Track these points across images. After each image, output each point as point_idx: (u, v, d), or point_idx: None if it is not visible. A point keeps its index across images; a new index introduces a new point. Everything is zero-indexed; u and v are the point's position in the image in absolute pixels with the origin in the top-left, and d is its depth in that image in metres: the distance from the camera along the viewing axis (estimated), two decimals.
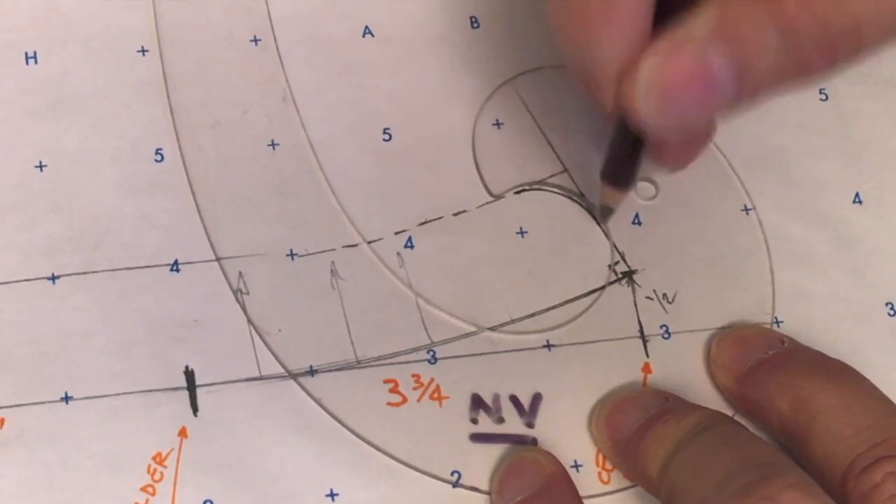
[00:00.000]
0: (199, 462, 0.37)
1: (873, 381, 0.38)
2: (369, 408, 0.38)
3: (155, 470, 0.37)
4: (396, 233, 0.40)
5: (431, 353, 0.39)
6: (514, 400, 0.39)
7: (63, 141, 0.40)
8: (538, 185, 0.41)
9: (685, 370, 0.40)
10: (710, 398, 0.40)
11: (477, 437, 0.38)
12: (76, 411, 0.37)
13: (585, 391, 0.39)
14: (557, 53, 0.40)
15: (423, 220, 0.40)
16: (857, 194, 0.43)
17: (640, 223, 0.41)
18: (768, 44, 0.31)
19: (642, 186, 0.42)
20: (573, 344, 0.40)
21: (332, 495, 0.37)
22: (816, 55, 0.31)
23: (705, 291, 0.41)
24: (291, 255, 0.39)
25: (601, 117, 0.38)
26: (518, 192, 0.41)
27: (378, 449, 0.38)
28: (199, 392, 0.38)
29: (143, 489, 0.37)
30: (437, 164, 0.41)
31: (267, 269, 0.39)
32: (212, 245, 0.39)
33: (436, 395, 0.39)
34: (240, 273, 0.39)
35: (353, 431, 0.38)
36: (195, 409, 0.37)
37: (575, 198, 0.41)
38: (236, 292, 0.39)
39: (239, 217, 0.40)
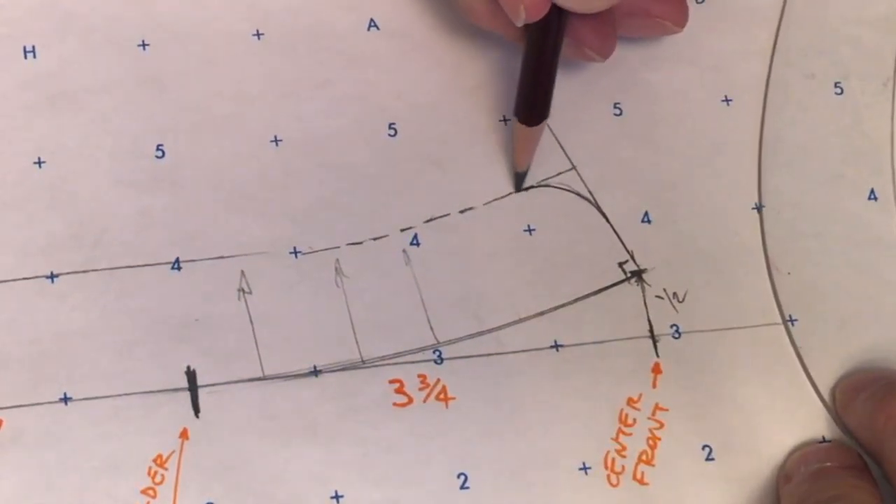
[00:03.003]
0: (200, 464, 0.37)
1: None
2: (375, 408, 0.38)
3: (156, 472, 0.36)
4: (402, 230, 0.40)
5: (437, 353, 0.39)
6: None
7: (62, 137, 0.39)
8: (546, 182, 0.41)
9: (696, 370, 0.40)
10: (720, 399, 0.39)
11: None
12: (75, 412, 0.37)
13: (594, 392, 0.39)
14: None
15: (429, 218, 0.40)
16: (871, 191, 0.42)
17: (649, 221, 0.41)
18: None
19: None
20: (582, 344, 0.39)
21: (336, 497, 0.37)
22: None
23: (716, 290, 0.41)
24: (295, 252, 0.39)
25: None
26: (526, 189, 0.41)
27: (384, 450, 0.38)
28: (201, 392, 0.37)
29: (144, 492, 0.36)
30: (444, 161, 0.41)
31: (270, 267, 0.39)
32: (214, 243, 0.39)
33: (442, 396, 0.38)
34: (242, 272, 0.39)
35: (358, 432, 0.38)
36: (197, 410, 0.37)
37: (583, 195, 0.41)
38: (239, 291, 0.38)
39: (241, 214, 0.39)
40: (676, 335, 0.40)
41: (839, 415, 0.40)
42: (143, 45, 0.40)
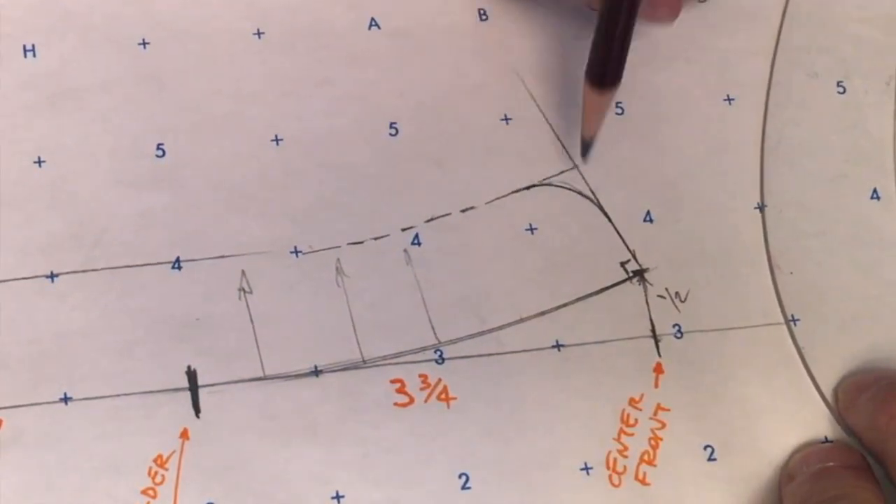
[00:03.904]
0: (201, 464, 0.37)
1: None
2: (375, 408, 0.38)
3: (156, 472, 0.36)
4: (403, 229, 0.40)
5: (439, 352, 0.39)
6: None
7: (62, 136, 0.39)
8: (548, 181, 0.41)
9: (698, 370, 0.40)
10: (722, 399, 0.39)
11: None
12: (75, 412, 0.37)
13: (596, 392, 0.39)
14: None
15: (430, 217, 0.40)
16: (874, 190, 0.42)
17: (651, 220, 0.41)
18: None
19: None
20: (583, 344, 0.39)
21: (337, 497, 0.37)
22: None
23: (718, 290, 0.40)
24: (296, 252, 0.39)
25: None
26: (527, 189, 0.41)
27: (384, 450, 0.37)
28: (202, 392, 0.37)
29: (144, 492, 0.36)
30: (445, 160, 0.41)
31: (270, 266, 0.39)
32: (214, 243, 0.39)
33: (443, 396, 0.38)
34: (243, 271, 0.38)
35: (358, 432, 0.37)
36: (197, 410, 0.37)
37: (585, 194, 0.41)
38: (239, 290, 0.38)
39: (242, 214, 0.39)
40: (678, 335, 0.40)
41: (841, 415, 0.39)
42: (143, 43, 0.40)
